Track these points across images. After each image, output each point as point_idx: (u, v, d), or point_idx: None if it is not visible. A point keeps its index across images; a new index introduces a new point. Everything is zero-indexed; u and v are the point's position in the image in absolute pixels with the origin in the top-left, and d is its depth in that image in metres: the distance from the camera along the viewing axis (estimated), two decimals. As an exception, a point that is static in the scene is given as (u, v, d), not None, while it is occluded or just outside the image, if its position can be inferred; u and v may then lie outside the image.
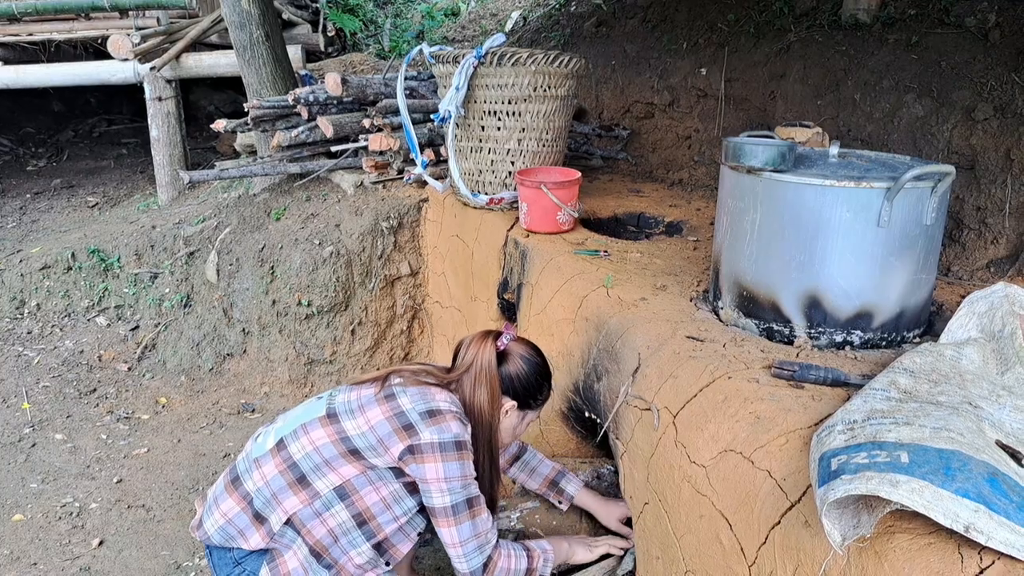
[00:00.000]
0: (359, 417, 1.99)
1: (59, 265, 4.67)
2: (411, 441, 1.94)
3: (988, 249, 2.75)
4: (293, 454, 1.99)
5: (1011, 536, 1.15)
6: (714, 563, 1.73)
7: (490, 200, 3.43)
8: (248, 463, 2.05)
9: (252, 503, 1.99)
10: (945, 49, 3.06)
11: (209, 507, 2.05)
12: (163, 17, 6.09)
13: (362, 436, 1.97)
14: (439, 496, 1.95)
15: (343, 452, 1.97)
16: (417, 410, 1.97)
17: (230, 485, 2.05)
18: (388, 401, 2.00)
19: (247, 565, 2.00)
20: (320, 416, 2.03)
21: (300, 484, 1.97)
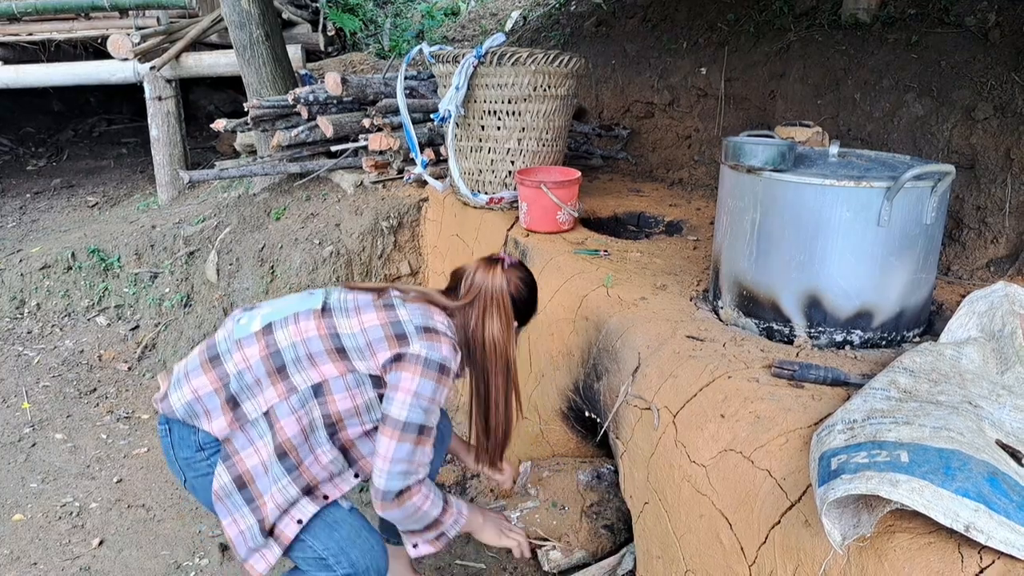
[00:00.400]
0: (353, 317, 1.94)
1: (59, 265, 4.67)
2: (400, 350, 1.89)
3: (988, 248, 2.75)
4: (279, 341, 1.92)
5: (1011, 535, 1.15)
6: (714, 562, 1.73)
7: (490, 200, 3.43)
8: (230, 343, 1.95)
9: (228, 385, 1.90)
10: (945, 48, 3.06)
11: (179, 380, 1.96)
12: (163, 17, 6.09)
13: (352, 336, 1.92)
14: (398, 407, 1.88)
15: (329, 349, 1.91)
16: (414, 323, 1.93)
17: (207, 363, 1.94)
18: (386, 309, 1.95)
19: (210, 453, 1.93)
20: (315, 309, 1.96)
21: (279, 374, 1.90)
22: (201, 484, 1.96)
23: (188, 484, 1.99)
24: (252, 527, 1.91)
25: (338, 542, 2.00)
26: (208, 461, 1.93)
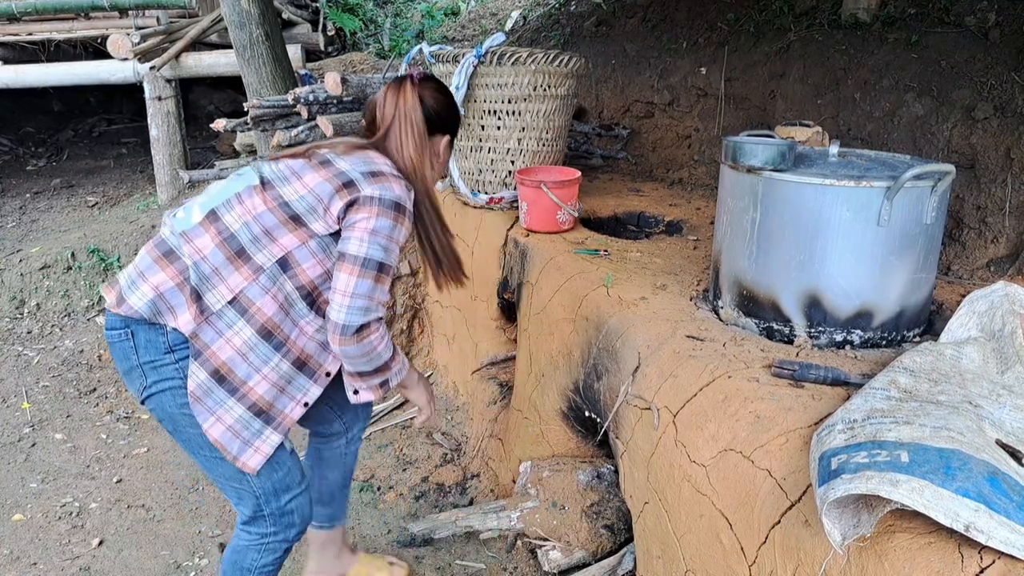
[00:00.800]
0: (295, 182, 1.89)
1: (59, 265, 4.67)
2: (351, 196, 1.85)
3: (988, 248, 2.75)
4: (229, 225, 1.86)
5: (1011, 535, 1.15)
6: (714, 562, 1.73)
7: (490, 199, 3.43)
8: (176, 239, 1.87)
9: (188, 279, 1.83)
10: (945, 48, 3.06)
11: (133, 281, 1.86)
12: (163, 17, 6.09)
13: (301, 199, 1.87)
14: (356, 244, 1.84)
15: (283, 219, 1.86)
16: (358, 170, 1.89)
17: (161, 259, 1.86)
18: (325, 167, 1.90)
19: (180, 355, 1.85)
20: (254, 185, 1.90)
21: (240, 258, 1.84)
22: (168, 395, 1.88)
23: (149, 393, 1.89)
24: (241, 416, 1.88)
25: (273, 483, 2.01)
26: (177, 365, 1.86)
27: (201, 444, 1.93)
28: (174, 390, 1.87)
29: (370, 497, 3.12)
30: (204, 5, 6.24)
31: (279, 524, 2.06)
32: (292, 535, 2.09)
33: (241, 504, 2.04)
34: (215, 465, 1.97)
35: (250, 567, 2.09)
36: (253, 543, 2.08)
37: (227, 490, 2.04)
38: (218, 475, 2.00)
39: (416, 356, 4.29)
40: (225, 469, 1.96)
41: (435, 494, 3.11)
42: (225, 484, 2.02)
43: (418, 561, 2.73)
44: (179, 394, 1.87)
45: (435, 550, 2.77)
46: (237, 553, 2.10)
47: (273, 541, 2.07)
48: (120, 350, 1.89)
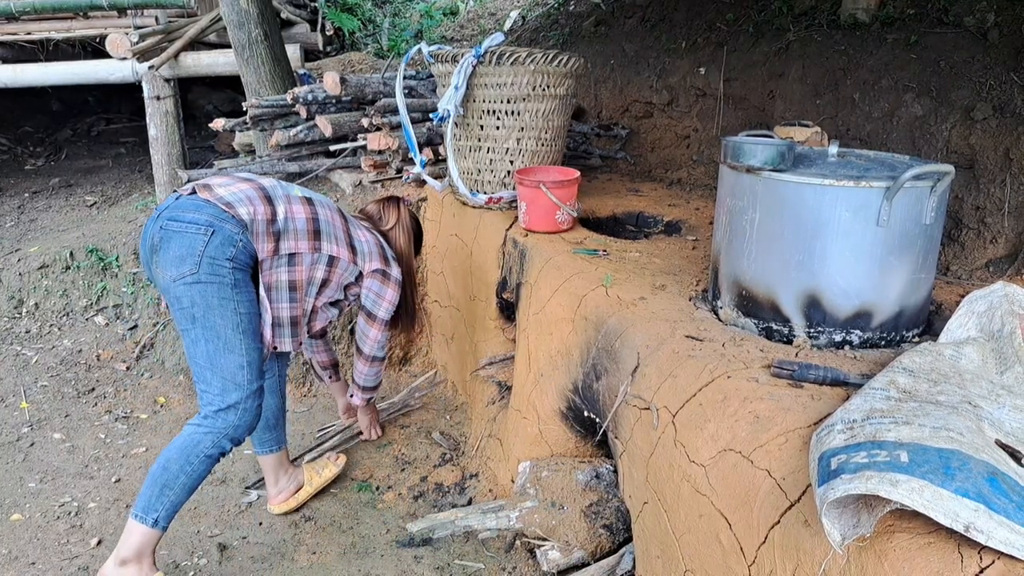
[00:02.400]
0: (358, 232, 2.83)
1: (57, 264, 4.66)
2: (385, 268, 2.85)
3: (987, 248, 2.76)
4: (319, 215, 2.62)
5: (1011, 535, 1.15)
6: (713, 562, 1.73)
7: (489, 199, 3.43)
8: (279, 193, 2.55)
9: (274, 222, 2.47)
10: (944, 49, 3.06)
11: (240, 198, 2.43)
12: (161, 16, 6.08)
13: (360, 243, 2.78)
14: (383, 311, 2.91)
15: (346, 242, 2.71)
16: (390, 252, 2.94)
17: (263, 197, 2.48)
18: (371, 234, 2.89)
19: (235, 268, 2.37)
20: (336, 210, 2.77)
21: (315, 236, 2.58)
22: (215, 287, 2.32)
23: (197, 279, 2.30)
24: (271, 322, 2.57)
25: (254, 387, 2.44)
26: (232, 272, 2.35)
27: (220, 334, 2.35)
28: (222, 285, 2.33)
29: (368, 497, 3.12)
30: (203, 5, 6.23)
31: (244, 419, 2.43)
32: (241, 435, 2.47)
33: (224, 395, 2.40)
34: (223, 355, 2.37)
35: (199, 452, 2.39)
36: (212, 431, 2.40)
37: (215, 382, 2.39)
38: (219, 367, 2.38)
39: (415, 356, 4.29)
40: (230, 360, 2.38)
41: (434, 494, 3.11)
42: (219, 376, 2.39)
43: (417, 561, 2.73)
44: (225, 289, 2.33)
45: (434, 550, 2.77)
46: (190, 439, 2.39)
47: (229, 435, 2.42)
48: (188, 240, 2.30)
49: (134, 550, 2.33)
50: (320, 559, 2.77)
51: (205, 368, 2.39)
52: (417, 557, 2.75)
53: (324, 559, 2.77)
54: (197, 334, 2.36)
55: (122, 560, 2.33)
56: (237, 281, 2.36)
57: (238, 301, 2.36)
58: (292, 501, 3.01)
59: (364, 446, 3.51)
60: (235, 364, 2.39)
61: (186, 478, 2.39)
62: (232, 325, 2.36)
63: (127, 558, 2.33)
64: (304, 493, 3.04)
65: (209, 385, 2.40)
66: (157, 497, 2.35)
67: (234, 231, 2.35)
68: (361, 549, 2.82)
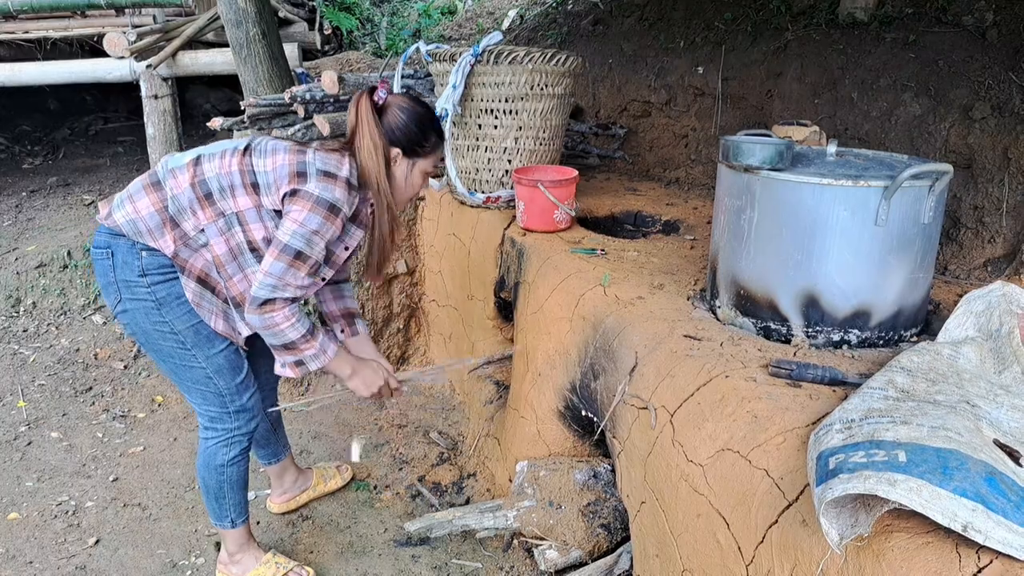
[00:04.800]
0: (269, 158, 2.18)
1: (55, 263, 4.65)
2: (296, 185, 2.12)
3: (985, 248, 2.76)
4: (205, 172, 2.18)
5: (1009, 535, 1.15)
6: (711, 562, 1.73)
7: (487, 198, 3.42)
8: (165, 171, 2.21)
9: (167, 207, 2.16)
10: (943, 48, 3.06)
11: (121, 202, 2.19)
12: (159, 15, 6.07)
13: (264, 174, 2.16)
14: (283, 232, 2.12)
15: (245, 183, 2.17)
16: (317, 166, 2.14)
17: (149, 186, 2.19)
18: (298, 153, 2.18)
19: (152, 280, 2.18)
20: (239, 148, 2.21)
21: (207, 200, 2.17)
22: (134, 307, 2.21)
23: (124, 308, 2.22)
24: (224, 308, 2.28)
25: (236, 384, 2.37)
26: (149, 289, 2.18)
27: (171, 354, 2.27)
28: (147, 310, 2.20)
29: (366, 496, 3.12)
30: (200, 3, 6.22)
31: (241, 419, 2.42)
32: (252, 428, 2.46)
33: (207, 404, 2.37)
34: (185, 372, 2.31)
35: (222, 462, 2.44)
36: (220, 439, 2.42)
37: (194, 394, 2.36)
38: (189, 381, 2.33)
39: (413, 355, 4.28)
40: (195, 374, 2.31)
41: (432, 493, 3.11)
42: (194, 389, 2.35)
43: (414, 560, 2.73)
44: (152, 313, 2.20)
45: (431, 549, 2.77)
46: (207, 455, 2.44)
47: (237, 435, 2.43)
48: (100, 267, 2.22)
49: (236, 544, 2.59)
50: (317, 558, 2.77)
51: (178, 385, 2.39)
52: (415, 556, 2.75)
53: (321, 558, 2.77)
54: (154, 358, 2.34)
55: (231, 554, 2.60)
56: (161, 300, 2.19)
57: (171, 320, 2.22)
58: (292, 503, 3.02)
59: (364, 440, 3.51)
60: (200, 376, 2.32)
61: (228, 484, 2.48)
62: (176, 344, 2.25)
63: (234, 552, 2.60)
64: (305, 496, 3.06)
65: (191, 397, 2.40)
66: (219, 506, 2.51)
67: (126, 243, 2.17)
68: (359, 548, 2.82)
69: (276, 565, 2.61)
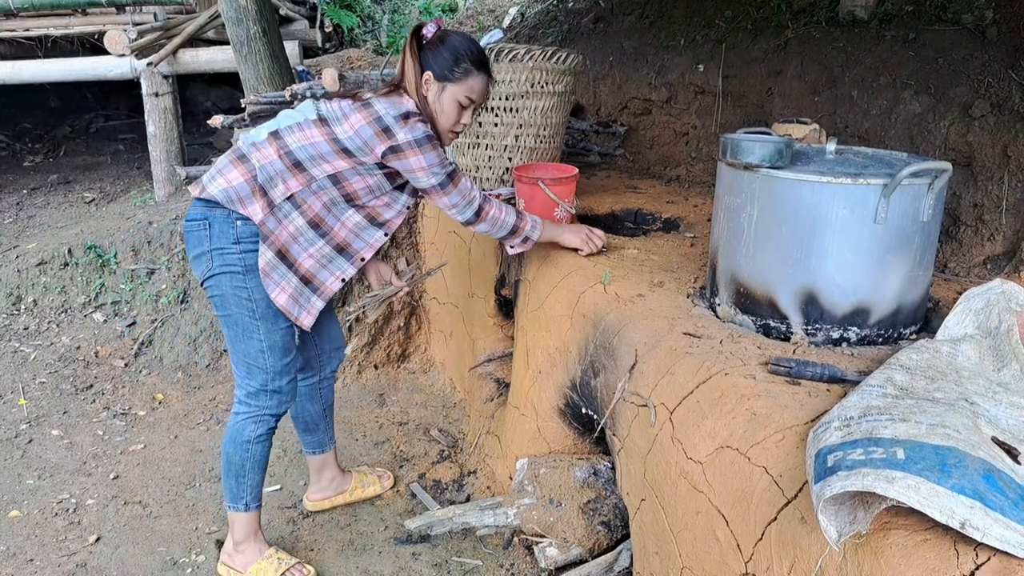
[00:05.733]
0: (344, 122, 2.33)
1: (55, 261, 4.66)
2: (390, 142, 2.32)
3: (985, 246, 2.76)
4: (289, 143, 2.33)
5: (1006, 532, 1.15)
6: (710, 559, 1.73)
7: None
8: (248, 146, 2.36)
9: (256, 177, 2.31)
10: (942, 46, 3.06)
11: (213, 177, 2.34)
12: (160, 13, 6.08)
13: (350, 139, 2.33)
14: (426, 178, 2.38)
15: (336, 150, 2.34)
16: (391, 114, 2.31)
17: (236, 160, 2.34)
18: (366, 108, 2.33)
19: (244, 247, 2.33)
20: (313, 119, 2.36)
21: (297, 168, 2.33)
22: (227, 276, 2.36)
23: (212, 273, 2.36)
24: (297, 286, 2.41)
25: (281, 366, 2.48)
26: (240, 255, 2.33)
27: (238, 321, 2.40)
28: (233, 274, 2.35)
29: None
30: (201, 1, 6.21)
31: (275, 399, 2.52)
32: (281, 411, 2.56)
33: (250, 379, 2.48)
34: (244, 342, 2.43)
35: (248, 438, 2.52)
36: (251, 415, 2.51)
37: (242, 367, 2.48)
38: (243, 352, 2.45)
39: (413, 353, 4.29)
40: (251, 346, 2.44)
41: (432, 491, 3.11)
42: (244, 361, 2.46)
43: (415, 558, 2.73)
44: (236, 278, 2.35)
45: (432, 547, 2.77)
46: (235, 430, 2.53)
47: (267, 414, 2.52)
48: (196, 237, 2.36)
49: (243, 533, 2.62)
50: (318, 556, 2.78)
51: (233, 355, 2.49)
52: (415, 554, 2.75)
53: (322, 556, 2.78)
54: (223, 324, 2.47)
55: (236, 542, 2.63)
56: (248, 267, 2.35)
57: (251, 288, 2.36)
58: (327, 503, 3.04)
59: (362, 442, 3.51)
60: (255, 349, 2.44)
61: (251, 462, 2.55)
62: (247, 311, 2.39)
63: (239, 540, 2.62)
64: (341, 499, 3.05)
65: (238, 370, 2.50)
66: (236, 486, 2.57)
67: (222, 213, 2.33)
68: (359, 546, 2.82)
69: (278, 561, 2.61)
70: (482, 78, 2.48)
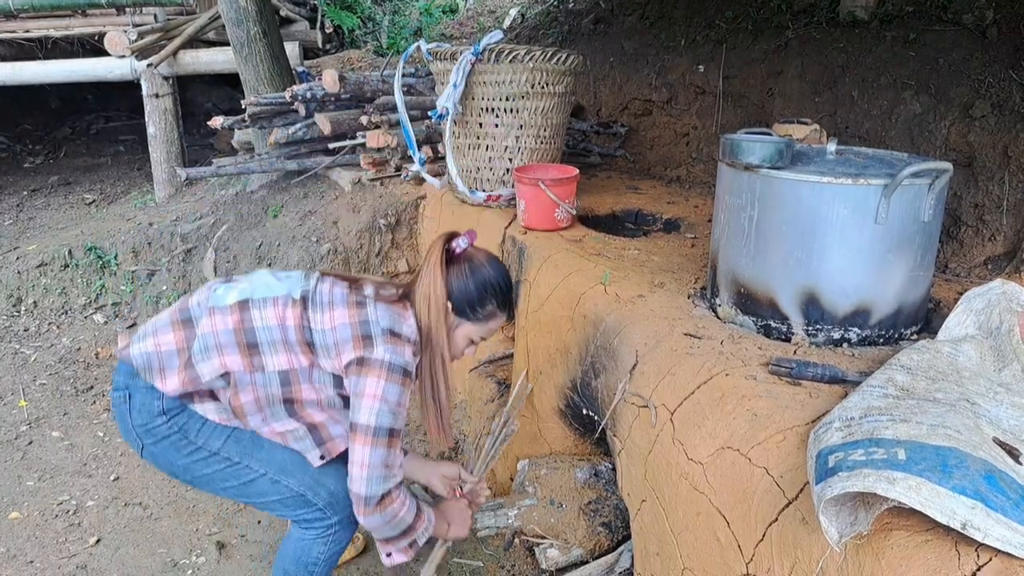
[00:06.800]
0: (327, 312, 1.96)
1: (56, 262, 4.66)
2: (363, 353, 1.91)
3: (985, 246, 2.75)
4: (254, 319, 1.94)
5: (1008, 533, 1.15)
6: (711, 560, 1.73)
7: (488, 197, 3.42)
8: (202, 310, 1.98)
9: (190, 346, 1.93)
10: (943, 46, 3.06)
11: (145, 334, 1.98)
12: (160, 14, 6.08)
13: (323, 332, 1.94)
14: (367, 413, 1.90)
15: (300, 340, 1.94)
16: (381, 324, 1.94)
17: (177, 323, 1.97)
18: (358, 307, 1.97)
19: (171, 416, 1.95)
20: (293, 298, 1.98)
21: (250, 349, 1.93)
22: (161, 448, 1.98)
23: (148, 453, 2.00)
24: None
25: (312, 475, 2.06)
26: (169, 423, 1.95)
27: (223, 476, 2.02)
28: (175, 443, 1.97)
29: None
30: (202, 2, 6.22)
31: (336, 508, 2.09)
32: (351, 523, 2.12)
33: (293, 510, 2.09)
34: (250, 488, 2.05)
35: (316, 559, 2.13)
36: (319, 536, 2.11)
37: (274, 507, 2.09)
38: (258, 497, 2.07)
39: (414, 354, 4.28)
40: (260, 487, 2.04)
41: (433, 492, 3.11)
42: (270, 502, 2.08)
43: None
44: (180, 445, 1.97)
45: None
46: (300, 549, 2.13)
47: (338, 530, 2.12)
48: (118, 412, 1.99)
49: None
50: (319, 557, 2.77)
51: (257, 507, 2.16)
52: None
53: (323, 557, 2.77)
54: (210, 491, 2.10)
55: None
56: (184, 428, 1.97)
57: (204, 443, 1.99)
58: None
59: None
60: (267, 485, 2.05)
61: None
62: (223, 464, 2.01)
63: None
64: None
65: (278, 512, 2.14)
66: None
67: (144, 383, 1.96)
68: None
69: None
70: (503, 318, 2.17)
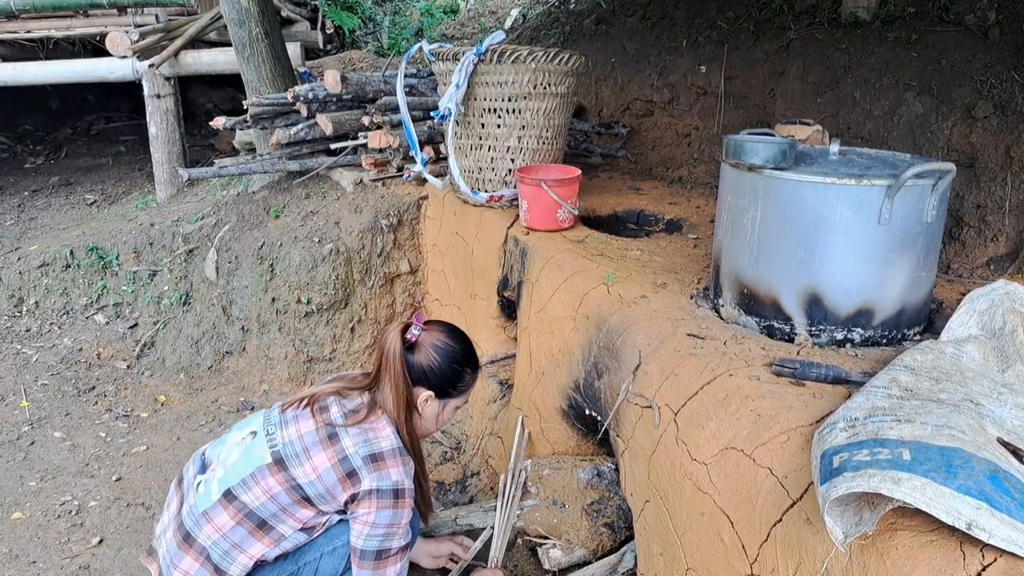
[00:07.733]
0: (306, 463, 1.97)
1: (57, 263, 4.66)
2: (353, 490, 1.97)
3: (988, 247, 2.76)
4: (248, 503, 1.96)
5: (1013, 533, 1.15)
6: (715, 560, 1.73)
7: (490, 198, 3.43)
8: (195, 517, 1.98)
9: (210, 557, 1.94)
10: (945, 47, 3.06)
11: (167, 569, 1.98)
12: (161, 14, 6.08)
13: (311, 484, 1.97)
14: (357, 537, 1.99)
15: (297, 499, 1.97)
16: (360, 454, 1.97)
17: (183, 543, 1.97)
18: (332, 444, 1.99)
19: None
20: (268, 464, 1.99)
21: (262, 530, 1.96)
22: None
23: None
24: None
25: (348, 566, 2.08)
26: None
27: None
28: None
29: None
30: (203, 3, 6.22)
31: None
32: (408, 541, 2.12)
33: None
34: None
35: None
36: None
37: None
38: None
39: (415, 354, 4.28)
40: None
41: (435, 492, 3.11)
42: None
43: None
44: None
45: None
46: None
47: None
48: None
49: None
50: (321, 557, 2.77)
51: None
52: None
53: (325, 557, 2.77)
54: None
55: None
56: None
57: None
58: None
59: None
60: None
61: None
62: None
63: None
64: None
65: None
66: None
67: None
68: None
69: None
70: (477, 376, 2.25)
